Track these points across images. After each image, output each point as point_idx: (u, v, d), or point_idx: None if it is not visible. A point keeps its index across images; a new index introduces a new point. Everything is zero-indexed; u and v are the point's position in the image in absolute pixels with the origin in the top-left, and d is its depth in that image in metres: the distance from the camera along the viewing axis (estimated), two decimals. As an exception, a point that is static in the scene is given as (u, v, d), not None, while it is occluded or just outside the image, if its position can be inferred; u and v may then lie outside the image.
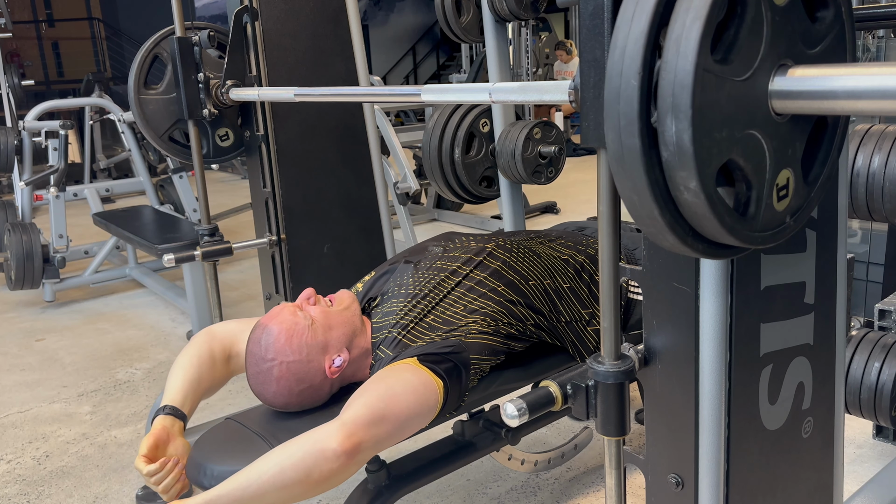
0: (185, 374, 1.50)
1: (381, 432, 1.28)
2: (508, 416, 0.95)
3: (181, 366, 1.52)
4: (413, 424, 1.35)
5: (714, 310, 0.93)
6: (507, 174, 2.27)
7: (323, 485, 1.23)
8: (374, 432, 1.26)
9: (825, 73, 0.65)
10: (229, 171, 9.28)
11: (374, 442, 1.26)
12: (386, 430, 1.28)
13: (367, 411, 1.27)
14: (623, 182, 0.69)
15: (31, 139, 4.42)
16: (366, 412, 1.27)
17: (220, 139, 2.35)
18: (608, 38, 0.78)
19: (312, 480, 1.21)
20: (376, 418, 1.27)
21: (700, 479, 0.99)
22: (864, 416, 1.91)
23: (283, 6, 2.27)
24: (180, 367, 1.52)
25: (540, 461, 2.15)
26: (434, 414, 1.38)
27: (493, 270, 1.59)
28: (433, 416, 1.38)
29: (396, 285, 1.61)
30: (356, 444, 1.23)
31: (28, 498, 2.27)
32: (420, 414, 1.35)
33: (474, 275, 1.57)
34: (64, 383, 3.15)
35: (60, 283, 4.27)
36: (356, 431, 1.24)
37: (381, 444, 1.29)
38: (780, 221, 0.73)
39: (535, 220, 5.68)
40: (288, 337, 1.41)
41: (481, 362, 1.50)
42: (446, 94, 1.32)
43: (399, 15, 14.97)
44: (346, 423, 1.25)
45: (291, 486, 1.21)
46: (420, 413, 1.35)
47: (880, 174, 1.72)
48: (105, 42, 14.88)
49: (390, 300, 1.58)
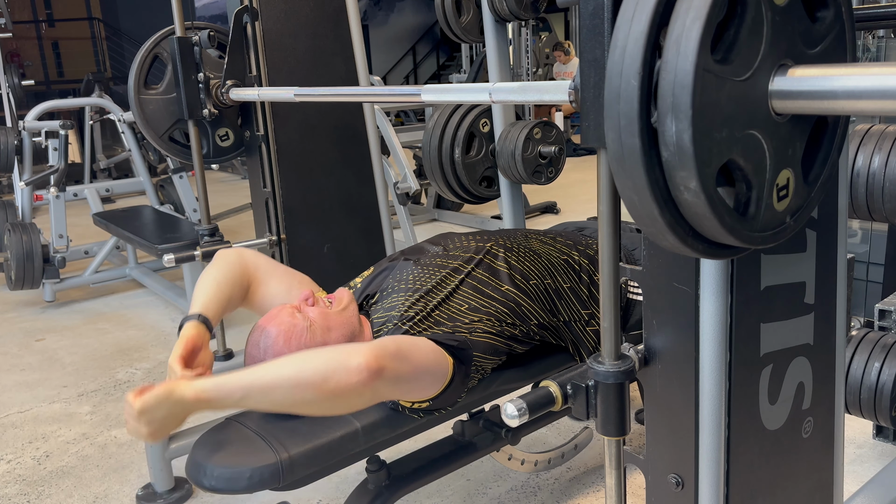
0: (219, 289, 1.50)
1: (402, 369, 1.30)
2: (508, 416, 0.95)
3: (215, 280, 1.51)
4: (425, 380, 1.37)
5: (714, 310, 0.93)
6: (507, 174, 2.27)
7: (334, 399, 1.23)
8: (396, 365, 1.28)
9: (825, 73, 0.65)
10: (229, 171, 9.28)
11: (394, 375, 1.27)
12: (406, 370, 1.31)
13: (394, 346, 1.31)
14: (623, 182, 0.69)
15: (31, 139, 4.42)
16: (393, 346, 1.31)
17: (220, 139, 2.35)
18: (608, 38, 0.78)
19: (327, 388, 1.21)
20: (401, 355, 1.30)
21: (700, 479, 0.99)
22: (864, 416, 1.91)
23: (283, 6, 2.27)
24: (214, 280, 1.51)
25: (540, 461, 2.15)
26: (442, 384, 1.41)
27: (495, 269, 1.59)
28: (440, 386, 1.41)
29: (396, 281, 1.61)
30: (380, 367, 1.24)
31: (28, 498, 2.27)
32: (433, 373, 1.38)
33: (477, 273, 1.57)
34: (64, 383, 3.15)
35: (60, 283, 4.27)
36: (383, 356, 1.25)
37: (398, 382, 1.30)
38: (780, 221, 0.73)
39: (535, 220, 5.68)
40: (286, 339, 1.41)
41: (484, 361, 1.51)
42: (446, 94, 1.32)
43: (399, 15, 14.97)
44: (374, 346, 1.27)
45: (304, 388, 1.21)
46: (433, 372, 1.38)
47: (880, 174, 1.72)
48: (105, 42, 14.87)
49: (391, 295, 1.58)
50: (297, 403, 1.26)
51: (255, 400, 1.25)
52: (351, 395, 1.24)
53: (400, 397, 1.40)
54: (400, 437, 1.51)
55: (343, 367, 1.22)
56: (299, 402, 1.25)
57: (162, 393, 1.21)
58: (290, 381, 1.23)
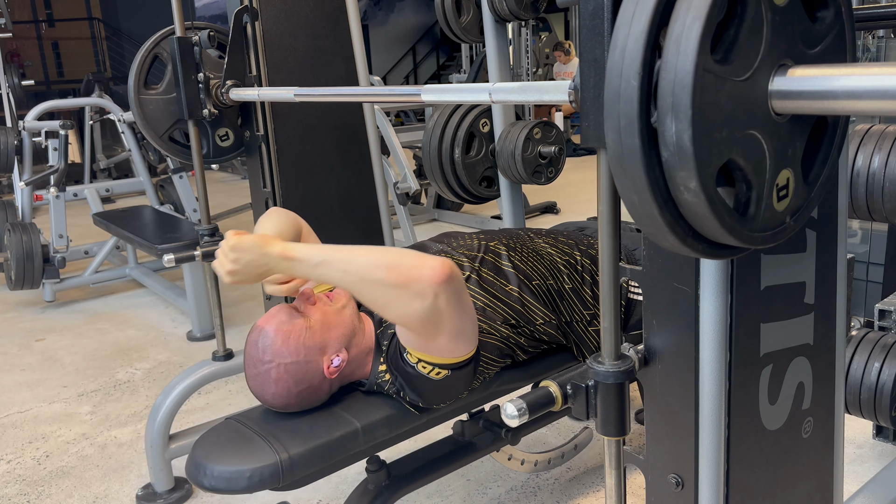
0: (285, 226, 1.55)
1: (460, 298, 1.34)
2: (508, 416, 0.95)
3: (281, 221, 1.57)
4: (462, 336, 1.39)
5: (714, 310, 0.93)
6: (507, 174, 2.27)
7: (399, 288, 1.27)
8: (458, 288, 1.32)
9: (825, 73, 0.64)
10: (229, 171, 9.28)
11: (455, 294, 1.31)
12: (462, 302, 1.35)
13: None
14: (623, 182, 0.69)
15: (31, 139, 4.42)
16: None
17: (220, 139, 2.35)
18: (608, 38, 0.78)
19: (399, 272, 1.26)
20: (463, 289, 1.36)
21: (700, 479, 0.99)
22: (864, 416, 1.91)
23: (283, 6, 2.27)
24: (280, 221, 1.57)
25: (540, 461, 2.15)
26: (470, 352, 1.43)
27: (500, 269, 1.59)
28: (470, 351, 1.43)
29: None
30: (451, 274, 1.29)
31: (28, 498, 2.27)
32: (468, 334, 1.40)
33: (483, 272, 1.58)
34: (64, 383, 3.15)
35: (60, 283, 4.27)
36: (456, 272, 1.31)
37: (452, 307, 1.31)
38: (780, 221, 0.73)
39: (535, 220, 5.68)
40: (285, 338, 1.41)
41: (489, 362, 1.52)
42: (446, 94, 1.32)
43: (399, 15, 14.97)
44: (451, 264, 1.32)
45: (379, 267, 1.27)
46: (469, 334, 1.41)
47: (880, 174, 1.72)
48: (105, 42, 14.87)
49: None
50: (365, 280, 1.29)
51: (331, 268, 1.30)
52: (416, 288, 1.26)
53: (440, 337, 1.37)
54: (400, 437, 1.51)
55: (419, 261, 1.29)
56: (368, 280, 1.29)
57: (257, 240, 1.32)
58: (369, 258, 1.29)
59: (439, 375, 1.42)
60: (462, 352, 1.42)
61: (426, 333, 1.35)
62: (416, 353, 1.41)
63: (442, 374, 1.42)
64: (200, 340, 3.56)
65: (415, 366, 1.42)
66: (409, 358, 1.42)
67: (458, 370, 1.43)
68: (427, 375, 1.42)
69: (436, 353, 1.40)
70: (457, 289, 1.32)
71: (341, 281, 1.32)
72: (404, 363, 1.43)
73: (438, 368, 1.41)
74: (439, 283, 1.27)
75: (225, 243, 1.33)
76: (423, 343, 1.38)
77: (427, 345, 1.38)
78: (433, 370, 1.42)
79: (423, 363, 1.41)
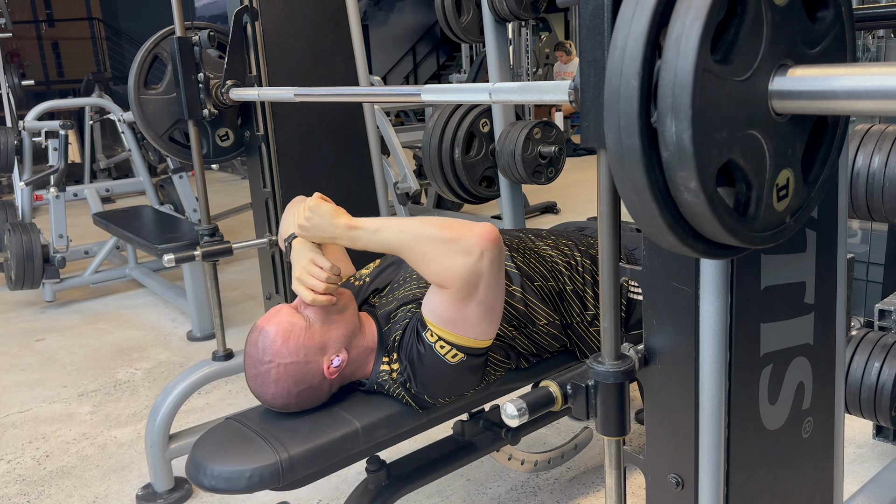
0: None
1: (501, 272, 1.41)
2: (508, 416, 0.95)
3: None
4: (490, 315, 1.43)
5: (714, 310, 0.93)
6: (507, 174, 2.27)
7: (449, 244, 1.35)
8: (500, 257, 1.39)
9: (825, 73, 0.64)
10: (229, 171, 9.28)
11: (497, 262, 1.38)
12: (501, 276, 1.42)
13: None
14: (623, 182, 0.69)
15: (31, 139, 4.42)
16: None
17: (220, 139, 2.35)
18: (608, 38, 0.78)
19: (450, 230, 1.35)
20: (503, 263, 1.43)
21: (700, 479, 0.99)
22: (864, 416, 1.91)
23: (283, 6, 2.27)
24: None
25: (540, 461, 2.15)
26: (488, 340, 1.46)
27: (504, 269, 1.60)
28: (489, 339, 1.46)
29: (407, 273, 1.61)
30: (497, 239, 1.36)
31: (28, 498, 2.27)
32: (497, 314, 1.45)
33: None
34: (64, 383, 3.15)
35: (60, 283, 4.27)
36: (500, 241, 1.38)
37: (495, 273, 1.38)
38: (780, 221, 0.73)
39: (535, 220, 5.68)
40: (284, 339, 1.40)
41: (496, 363, 1.53)
42: (446, 94, 1.32)
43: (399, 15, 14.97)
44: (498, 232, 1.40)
45: (431, 224, 1.38)
46: (498, 313, 1.45)
47: (880, 174, 1.72)
48: (105, 42, 14.87)
49: (403, 286, 1.58)
50: (419, 236, 1.38)
51: (389, 231, 1.41)
52: (465, 244, 1.34)
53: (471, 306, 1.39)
54: (400, 437, 1.51)
55: (470, 223, 1.38)
56: (422, 236, 1.38)
57: (331, 209, 1.46)
58: (422, 221, 1.40)
59: (455, 359, 1.42)
60: (483, 334, 1.43)
61: (461, 297, 1.38)
62: (439, 328, 1.41)
63: (458, 357, 1.42)
64: (200, 340, 3.56)
65: (433, 344, 1.42)
66: (429, 336, 1.43)
67: (472, 357, 1.43)
68: (443, 357, 1.42)
69: (460, 328, 1.41)
70: (499, 254, 1.38)
71: (397, 240, 1.40)
72: (420, 342, 1.43)
73: (456, 350, 1.42)
74: (487, 241, 1.34)
75: (308, 201, 1.48)
76: (454, 311, 1.40)
77: (456, 315, 1.40)
78: (450, 351, 1.42)
79: (443, 342, 1.42)
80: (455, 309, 1.39)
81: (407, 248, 1.40)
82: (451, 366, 1.42)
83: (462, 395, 1.52)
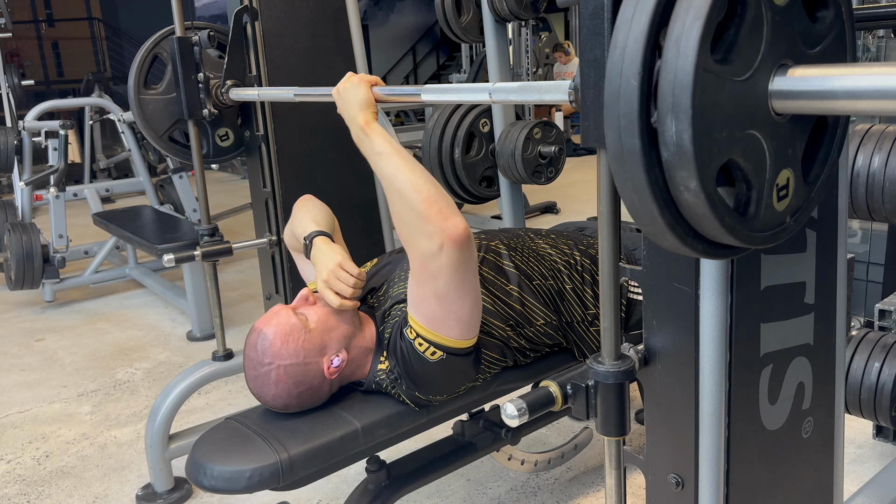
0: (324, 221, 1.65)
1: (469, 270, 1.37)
2: (508, 416, 0.95)
3: (320, 212, 1.67)
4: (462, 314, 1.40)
5: (714, 310, 0.93)
6: (507, 174, 2.27)
7: (421, 219, 1.31)
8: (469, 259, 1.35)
9: (825, 73, 0.64)
10: (229, 171, 9.28)
11: (458, 264, 1.33)
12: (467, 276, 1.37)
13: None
14: (623, 182, 0.69)
15: (31, 139, 4.42)
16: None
17: (220, 139, 2.35)
18: (608, 38, 0.78)
19: (427, 208, 1.30)
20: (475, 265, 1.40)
21: (700, 479, 0.99)
22: (864, 416, 1.91)
23: (283, 6, 2.27)
24: (317, 210, 1.67)
25: (540, 461, 2.15)
26: (468, 340, 1.44)
27: (502, 268, 1.59)
28: (468, 339, 1.44)
29: (402, 270, 1.61)
30: (462, 242, 1.31)
31: (28, 498, 2.27)
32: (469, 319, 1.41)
33: (484, 271, 1.57)
34: (64, 383, 3.15)
35: (60, 283, 4.27)
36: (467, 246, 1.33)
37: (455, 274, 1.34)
38: (780, 221, 0.73)
39: (535, 220, 5.68)
40: (284, 340, 1.40)
41: (491, 361, 1.52)
42: (446, 94, 1.32)
43: (399, 15, 14.96)
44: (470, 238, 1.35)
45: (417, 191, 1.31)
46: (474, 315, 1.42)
47: (880, 174, 1.71)
48: (105, 42, 14.86)
49: (397, 284, 1.58)
50: (402, 193, 1.33)
51: (386, 165, 1.36)
52: (430, 228, 1.30)
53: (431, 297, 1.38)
54: (400, 437, 1.51)
55: (450, 212, 1.31)
56: (403, 195, 1.33)
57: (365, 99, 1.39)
58: (418, 180, 1.33)
59: (435, 356, 1.41)
60: (458, 335, 1.41)
61: (422, 278, 1.37)
62: (417, 323, 1.41)
63: (437, 355, 1.41)
64: (200, 340, 3.56)
65: (412, 341, 1.41)
66: (408, 333, 1.42)
67: (455, 357, 1.42)
68: (422, 354, 1.41)
69: (438, 325, 1.39)
70: (461, 257, 1.33)
71: (384, 178, 1.37)
72: (402, 339, 1.43)
73: (434, 348, 1.40)
74: (450, 240, 1.30)
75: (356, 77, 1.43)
76: (420, 295, 1.39)
77: (423, 303, 1.39)
78: (429, 348, 1.41)
79: (421, 339, 1.41)
80: (421, 294, 1.39)
81: (388, 191, 1.37)
82: (433, 364, 1.42)
83: (456, 393, 1.52)
